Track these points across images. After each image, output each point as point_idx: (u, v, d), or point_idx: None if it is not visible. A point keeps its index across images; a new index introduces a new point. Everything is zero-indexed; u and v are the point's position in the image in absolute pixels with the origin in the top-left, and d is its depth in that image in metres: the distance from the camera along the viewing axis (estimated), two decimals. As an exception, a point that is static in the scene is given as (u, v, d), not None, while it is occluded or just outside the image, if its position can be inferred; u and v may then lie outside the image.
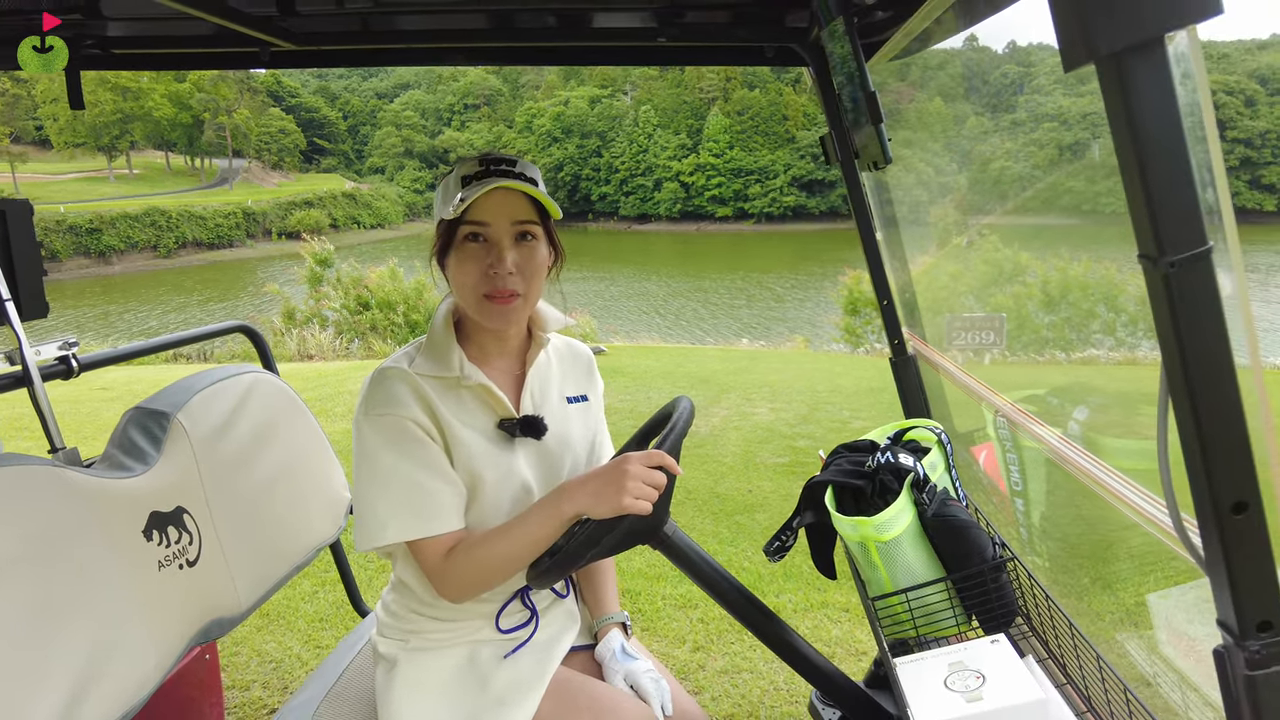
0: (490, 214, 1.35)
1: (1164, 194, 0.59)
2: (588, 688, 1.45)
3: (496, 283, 1.35)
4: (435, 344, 1.43)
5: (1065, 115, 45.80)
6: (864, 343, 14.78)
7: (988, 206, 22.98)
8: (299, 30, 1.82)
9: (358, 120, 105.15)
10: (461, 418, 1.40)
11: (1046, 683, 1.08)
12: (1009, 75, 59.65)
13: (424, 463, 1.34)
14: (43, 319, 1.70)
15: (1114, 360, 11.53)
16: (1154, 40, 0.57)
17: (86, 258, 47.95)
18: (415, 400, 1.36)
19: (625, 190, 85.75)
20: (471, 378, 1.40)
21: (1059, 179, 33.57)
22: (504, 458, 1.42)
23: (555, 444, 1.49)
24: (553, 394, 1.54)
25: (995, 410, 1.60)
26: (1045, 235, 16.73)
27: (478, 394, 1.43)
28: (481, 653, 1.47)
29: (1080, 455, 1.22)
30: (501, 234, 1.36)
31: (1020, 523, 1.61)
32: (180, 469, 1.60)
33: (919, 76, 26.84)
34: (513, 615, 1.51)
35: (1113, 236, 14.69)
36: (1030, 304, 12.41)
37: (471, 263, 1.36)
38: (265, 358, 2.23)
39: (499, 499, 1.42)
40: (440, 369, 1.40)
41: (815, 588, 3.48)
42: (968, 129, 38.39)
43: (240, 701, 2.76)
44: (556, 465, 1.50)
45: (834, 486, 1.40)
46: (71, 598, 1.26)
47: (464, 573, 1.34)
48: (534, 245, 1.39)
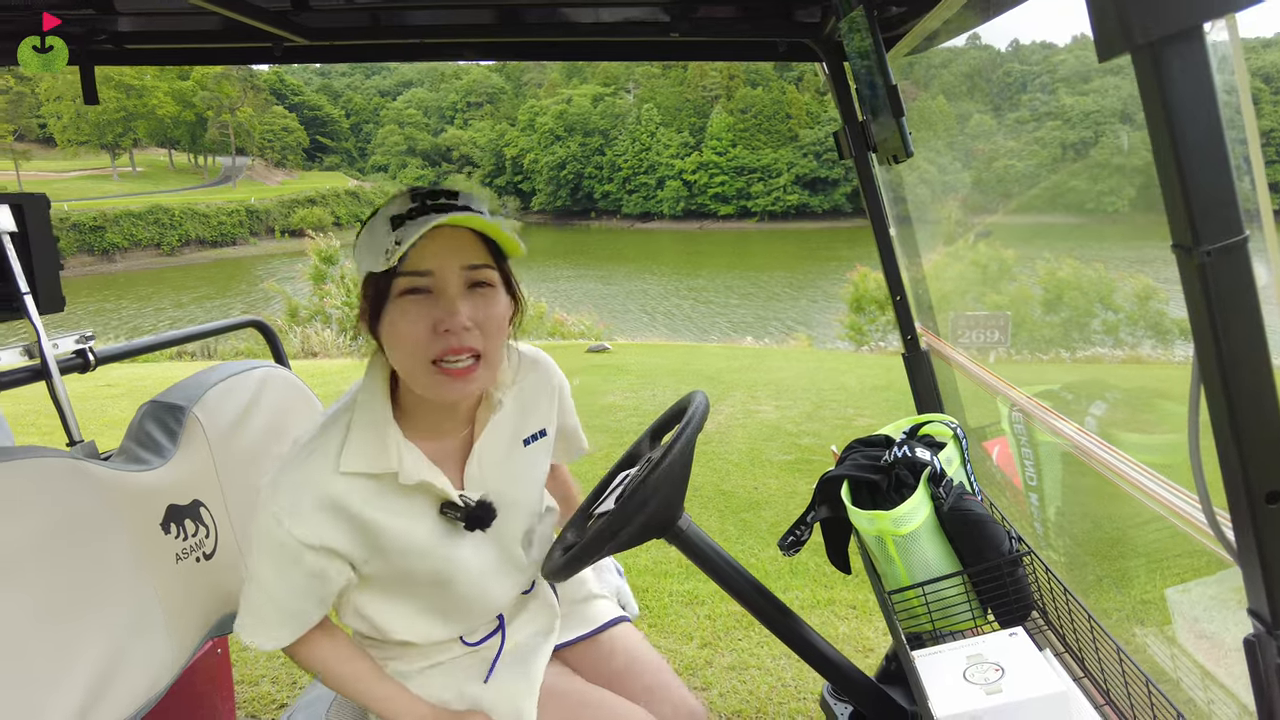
0: (434, 259, 1.11)
1: (1199, 183, 0.59)
2: (579, 694, 1.41)
3: (450, 341, 1.11)
4: (367, 432, 1.19)
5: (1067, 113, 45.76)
6: (868, 340, 14.79)
7: (995, 205, 22.97)
8: (312, 25, 1.83)
9: (360, 118, 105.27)
10: (396, 514, 1.22)
11: (1065, 676, 1.08)
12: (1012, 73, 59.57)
13: (302, 589, 1.19)
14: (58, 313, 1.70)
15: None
16: (1192, 30, 0.57)
17: (90, 255, 48.05)
18: (327, 518, 1.17)
19: (628, 188, 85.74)
20: (410, 476, 1.19)
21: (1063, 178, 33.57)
22: (448, 550, 1.27)
23: (506, 513, 1.31)
24: (506, 453, 1.35)
25: (1010, 405, 1.60)
26: (1053, 233, 16.74)
27: (418, 485, 1.22)
28: (461, 681, 1.39)
29: (1103, 449, 1.22)
30: (449, 282, 1.12)
31: (1035, 517, 1.61)
32: (196, 462, 1.60)
33: (922, 75, 26.85)
34: (479, 630, 1.43)
35: (1116, 234, 14.71)
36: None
37: (413, 322, 1.11)
38: (277, 352, 2.23)
39: (450, 592, 1.31)
40: (372, 463, 1.18)
41: (822, 584, 3.49)
42: (971, 127, 38.34)
43: (250, 696, 2.77)
44: (507, 536, 1.37)
45: (850, 481, 1.40)
46: (92, 589, 1.27)
47: (319, 663, 1.27)
48: (491, 294, 1.16)
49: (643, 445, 1.59)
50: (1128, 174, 32.18)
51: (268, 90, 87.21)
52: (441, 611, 1.36)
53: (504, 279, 1.20)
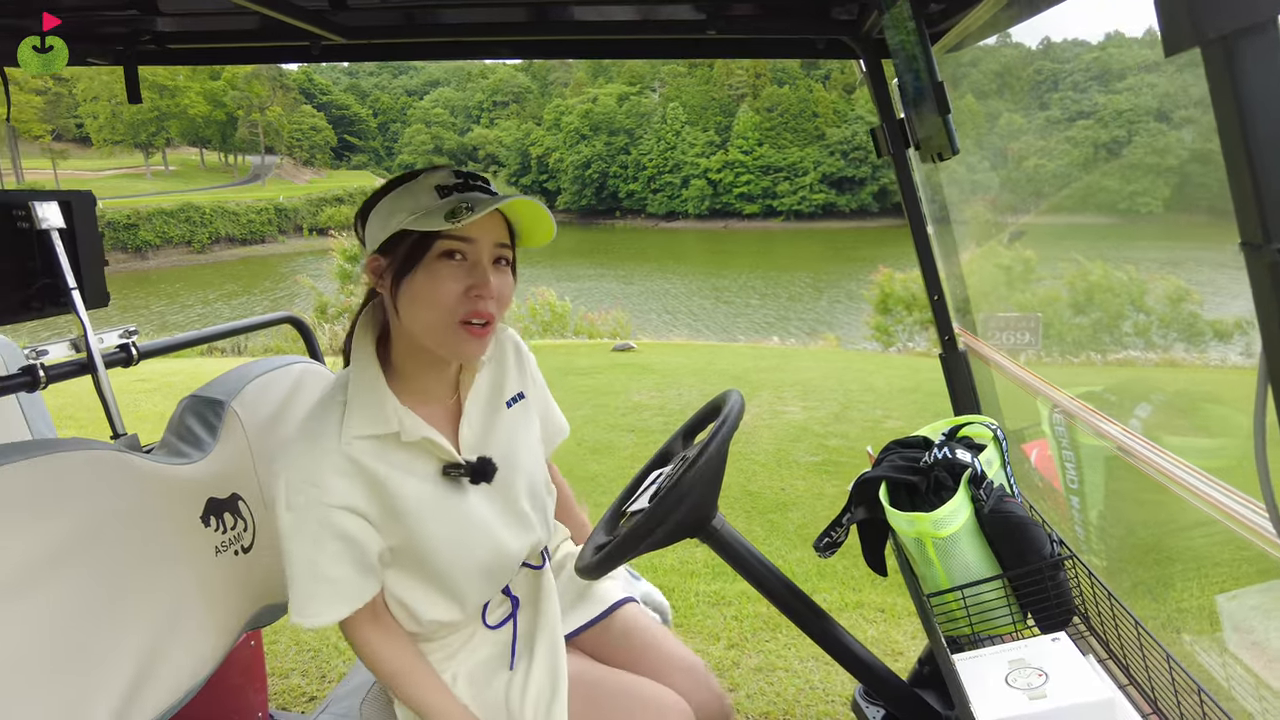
0: (477, 231, 1.22)
1: (1271, 180, 0.57)
2: (610, 681, 1.44)
3: (478, 305, 1.21)
4: (365, 397, 1.26)
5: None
6: (896, 341, 14.65)
7: (1027, 205, 22.67)
8: (348, 24, 1.84)
9: (388, 117, 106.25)
10: (405, 473, 1.27)
11: (1111, 682, 1.06)
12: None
13: (336, 554, 1.23)
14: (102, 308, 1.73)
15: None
16: (1266, 23, 0.55)
17: (124, 253, 48.90)
18: (345, 483, 1.22)
19: (653, 188, 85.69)
20: (412, 433, 1.26)
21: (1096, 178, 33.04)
22: (456, 505, 1.32)
23: (506, 470, 1.38)
24: (491, 415, 1.42)
25: (1052, 406, 1.58)
26: (1089, 234, 16.48)
27: (420, 445, 1.29)
28: (491, 670, 1.42)
29: (1154, 451, 1.19)
30: (484, 253, 1.23)
31: (1076, 520, 1.58)
32: (235, 456, 1.62)
33: (951, 73, 26.52)
34: (497, 608, 1.48)
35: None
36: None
37: (448, 283, 1.20)
38: (312, 348, 2.26)
39: (456, 543, 1.33)
40: (375, 426, 1.24)
41: (851, 587, 3.46)
42: (1002, 126, 37.85)
43: (281, 689, 2.81)
44: (512, 491, 1.41)
45: (888, 482, 1.39)
46: (135, 580, 1.28)
47: (373, 669, 1.32)
48: (508, 273, 1.29)
49: (675, 444, 1.58)
50: (1162, 174, 31.66)
51: (296, 90, 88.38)
52: (464, 579, 1.37)
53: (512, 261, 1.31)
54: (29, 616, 1.12)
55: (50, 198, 1.62)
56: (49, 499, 1.20)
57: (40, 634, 1.12)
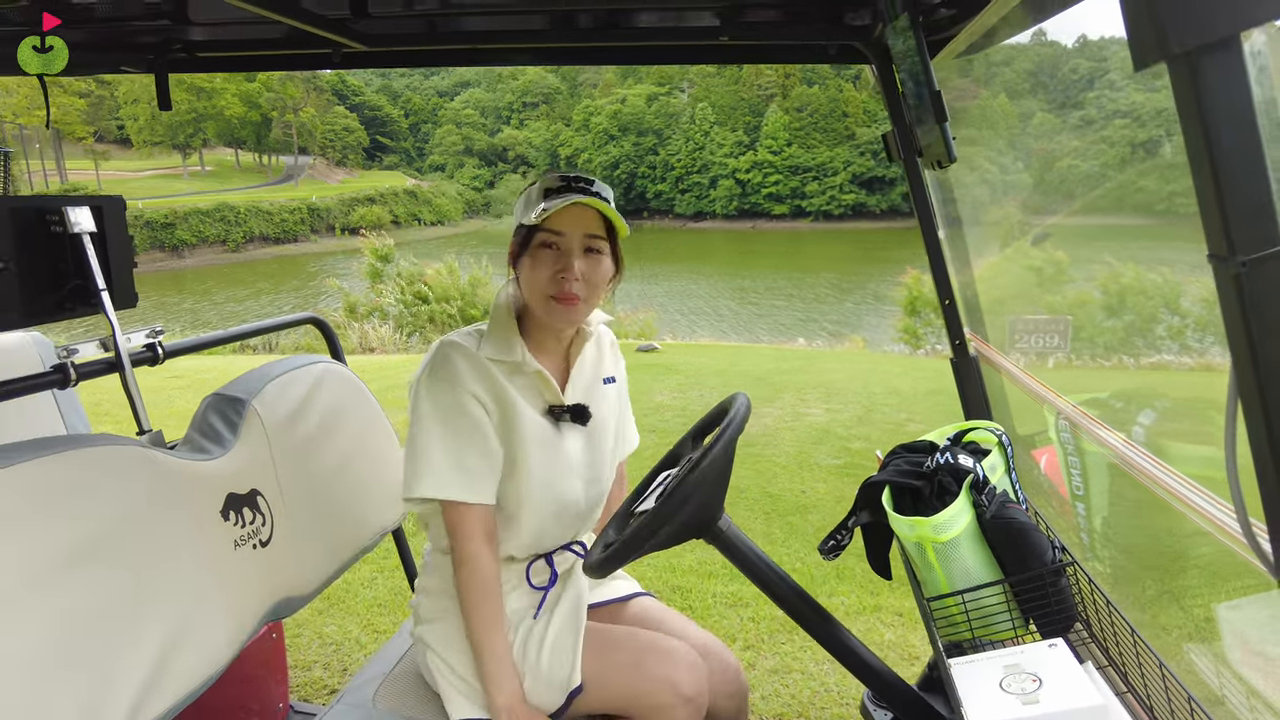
0: (565, 225, 1.48)
1: (1236, 193, 0.58)
2: (623, 633, 1.60)
3: (564, 286, 1.48)
4: (499, 332, 1.56)
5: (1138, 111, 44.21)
6: (924, 344, 14.50)
7: (1056, 206, 22.29)
8: (369, 32, 1.89)
9: (419, 118, 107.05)
10: (521, 395, 1.55)
11: (1106, 689, 1.06)
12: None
13: (468, 438, 1.49)
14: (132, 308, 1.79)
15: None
16: (1229, 39, 0.56)
17: (161, 251, 49.82)
18: (477, 377, 1.50)
19: (681, 188, 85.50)
20: (531, 365, 1.55)
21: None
22: (554, 437, 1.58)
23: (596, 426, 1.65)
24: (593, 380, 1.69)
25: (1057, 413, 1.57)
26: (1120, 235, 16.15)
27: (533, 380, 1.57)
28: (514, 618, 1.58)
29: (1146, 459, 1.19)
30: (573, 244, 1.49)
31: (1081, 528, 1.58)
32: (255, 453, 1.67)
33: (982, 73, 26.18)
34: (540, 573, 1.66)
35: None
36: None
37: (543, 266, 1.49)
38: (334, 348, 2.31)
39: (545, 474, 1.57)
40: (504, 354, 1.53)
41: (868, 590, 3.45)
42: (1034, 126, 37.24)
43: (302, 680, 2.87)
44: (599, 444, 1.67)
45: (891, 486, 1.40)
46: (156, 570, 1.33)
47: (463, 589, 1.50)
48: (599, 258, 1.53)
49: (684, 446, 1.60)
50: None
51: (330, 91, 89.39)
52: (535, 516, 1.58)
53: (612, 249, 1.56)
54: (55, 605, 1.17)
55: (82, 202, 1.69)
56: (76, 492, 1.25)
57: (65, 622, 1.17)
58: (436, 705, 1.59)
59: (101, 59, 2.07)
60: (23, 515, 1.16)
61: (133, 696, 1.23)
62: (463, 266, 15.15)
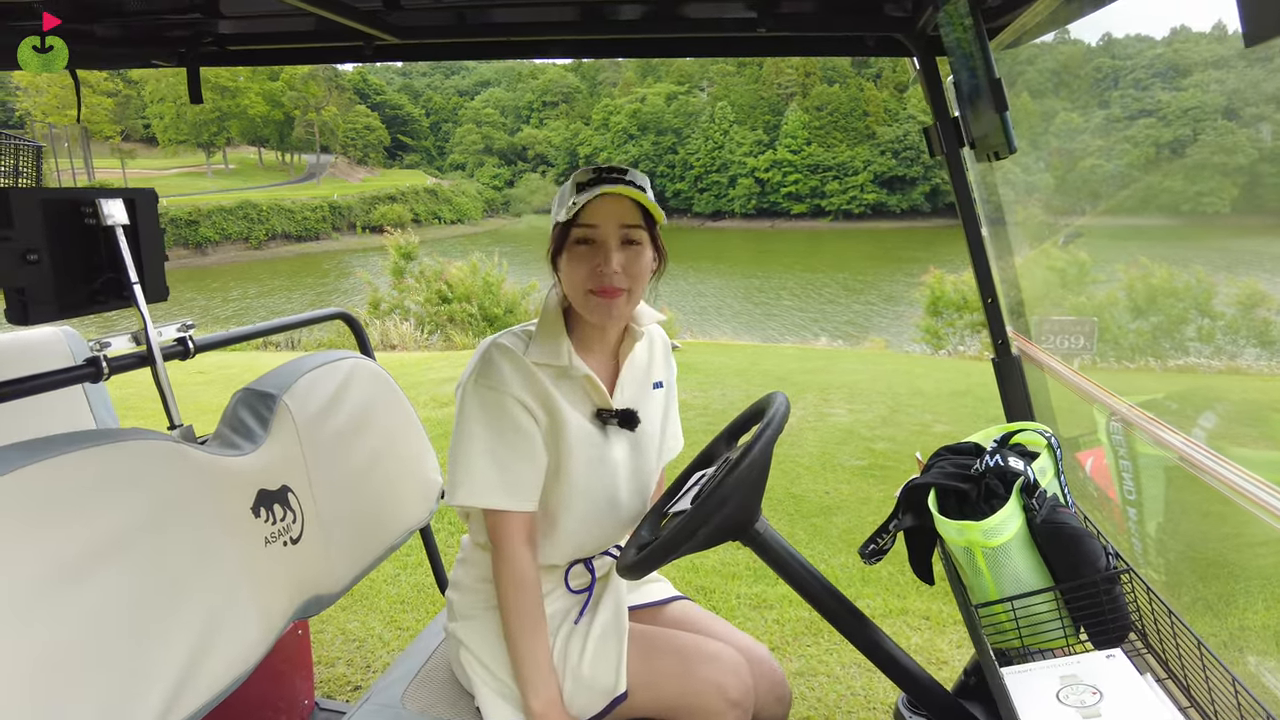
0: (599, 218, 1.42)
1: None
2: (667, 636, 1.56)
3: (603, 280, 1.43)
4: (546, 334, 1.51)
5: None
6: (946, 344, 14.37)
7: (1083, 206, 22.02)
8: (401, 24, 1.87)
9: (440, 117, 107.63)
10: (567, 400, 1.50)
11: (1170, 704, 1.02)
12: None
13: (514, 446, 1.45)
14: (163, 302, 1.78)
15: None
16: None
17: (185, 249, 50.42)
18: (524, 383, 1.46)
19: (699, 187, 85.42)
20: (579, 369, 1.50)
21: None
22: (600, 442, 1.54)
23: (643, 430, 1.60)
24: (644, 383, 1.64)
25: (1109, 414, 1.52)
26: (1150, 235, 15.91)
27: (581, 384, 1.52)
28: (554, 622, 1.55)
29: (1222, 464, 1.14)
30: (609, 236, 1.43)
31: (1133, 533, 1.53)
32: (285, 449, 1.66)
33: (1007, 71, 25.89)
34: (579, 577, 1.63)
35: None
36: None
37: (580, 262, 1.44)
38: (363, 344, 2.29)
39: (589, 480, 1.53)
40: (551, 358, 1.49)
41: (895, 594, 3.40)
42: (1058, 125, 36.80)
43: (327, 677, 2.86)
44: (646, 450, 1.62)
45: (937, 489, 1.36)
46: (189, 568, 1.32)
47: (502, 590, 1.47)
48: (639, 249, 1.46)
49: (719, 446, 1.57)
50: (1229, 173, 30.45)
51: (351, 90, 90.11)
52: (579, 522, 1.55)
53: (651, 239, 1.49)
54: (87, 600, 1.15)
55: (115, 195, 1.68)
56: (108, 487, 1.23)
57: (97, 618, 1.16)
58: (467, 706, 1.56)
59: (133, 53, 2.06)
60: (55, 510, 1.15)
61: (164, 695, 1.21)
62: (484, 265, 15.17)
